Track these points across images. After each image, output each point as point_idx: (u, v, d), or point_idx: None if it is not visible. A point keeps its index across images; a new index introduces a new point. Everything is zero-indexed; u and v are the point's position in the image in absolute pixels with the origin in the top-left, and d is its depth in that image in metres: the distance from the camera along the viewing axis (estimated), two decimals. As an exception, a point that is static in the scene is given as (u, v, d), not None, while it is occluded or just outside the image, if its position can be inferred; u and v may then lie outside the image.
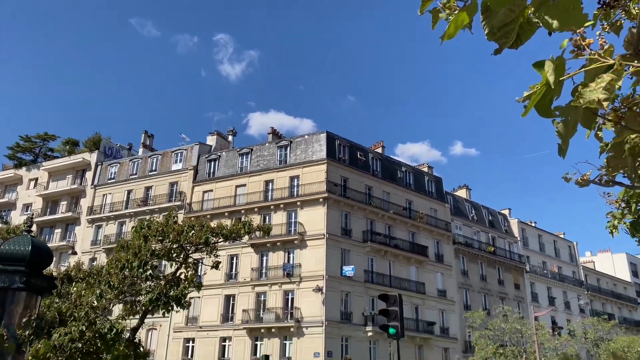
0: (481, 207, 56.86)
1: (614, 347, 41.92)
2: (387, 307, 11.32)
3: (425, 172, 51.96)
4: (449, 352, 43.75)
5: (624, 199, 6.23)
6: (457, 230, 51.21)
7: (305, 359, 36.07)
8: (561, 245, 63.32)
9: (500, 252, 53.85)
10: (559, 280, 58.45)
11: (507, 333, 38.74)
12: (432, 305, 44.63)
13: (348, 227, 41.71)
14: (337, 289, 38.70)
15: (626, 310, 65.82)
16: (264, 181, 43.97)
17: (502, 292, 51.80)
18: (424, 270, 45.50)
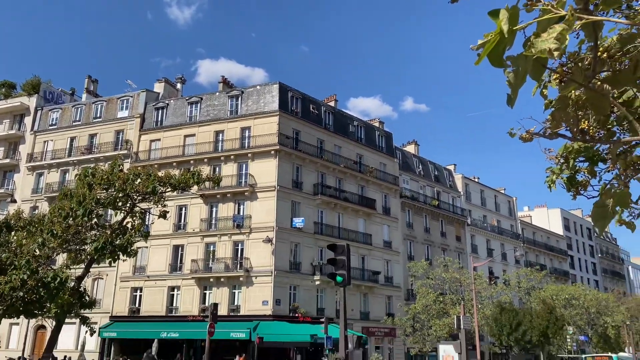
0: (428, 163, 58.30)
1: (544, 295, 44.99)
2: (335, 257, 11.62)
3: (376, 127, 52.45)
4: (392, 300, 45.69)
5: (563, 155, 6.52)
6: (404, 184, 52.48)
7: (253, 307, 36.79)
8: (501, 200, 66.26)
9: (444, 205, 55.81)
10: (497, 233, 61.48)
11: (447, 282, 40.74)
12: (378, 255, 46.12)
13: (299, 179, 41.91)
14: (287, 240, 39.23)
15: (557, 261, 70.39)
16: (214, 131, 43.17)
17: (444, 243, 54.06)
18: (372, 223, 46.68)
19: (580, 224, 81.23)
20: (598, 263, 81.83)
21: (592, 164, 6.55)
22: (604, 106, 2.59)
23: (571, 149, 6.33)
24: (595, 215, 2.78)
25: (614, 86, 2.85)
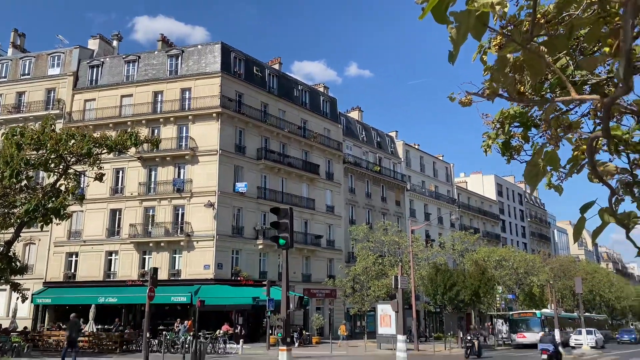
0: (371, 129, 59.01)
1: (476, 256, 47.34)
2: (278, 220, 11.66)
3: (320, 92, 52.29)
4: (333, 262, 46.71)
5: (499, 120, 6.75)
6: (347, 150, 53.01)
7: (194, 271, 36.56)
8: (439, 167, 68.40)
9: (385, 171, 56.98)
10: (435, 198, 63.66)
11: (386, 245, 41.98)
12: (320, 220, 46.74)
13: (242, 143, 41.38)
14: (229, 204, 38.94)
15: (489, 225, 74.01)
16: (152, 92, 41.61)
17: (385, 208, 55.45)
18: (315, 188, 47.07)
19: (512, 190, 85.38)
20: (527, 227, 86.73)
21: (526, 129, 6.83)
22: (540, 68, 2.67)
23: (507, 115, 6.56)
24: (527, 174, 2.90)
25: (550, 51, 2.94)
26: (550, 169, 7.21)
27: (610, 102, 2.36)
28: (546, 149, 2.97)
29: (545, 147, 3.14)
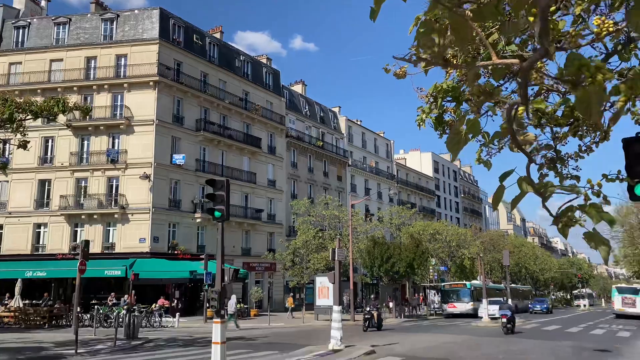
0: (314, 103, 58.89)
1: (412, 230, 48.82)
2: (214, 192, 11.43)
3: (263, 64, 51.41)
4: (274, 236, 46.79)
5: (432, 95, 6.84)
6: (290, 124, 52.73)
7: (130, 244, 35.57)
8: (380, 143, 69.50)
9: (328, 146, 57.25)
10: (375, 173, 64.81)
11: (327, 219, 42.46)
12: (261, 194, 46.51)
13: (180, 114, 40.19)
14: (166, 176, 37.94)
15: (426, 200, 76.38)
16: (85, 57, 39.43)
17: (326, 183, 55.90)
18: (256, 161, 46.63)
19: (448, 167, 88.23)
20: (460, 202, 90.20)
21: (458, 104, 6.97)
22: (466, 34, 2.67)
23: (440, 89, 6.66)
24: (449, 142, 2.93)
25: (477, 18, 2.95)
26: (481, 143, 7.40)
27: (529, 65, 2.40)
28: (468, 116, 3.01)
29: (468, 115, 3.19)
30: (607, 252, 3.27)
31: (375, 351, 15.56)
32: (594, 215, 3.11)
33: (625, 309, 41.64)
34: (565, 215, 3.21)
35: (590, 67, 2.11)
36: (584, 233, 3.18)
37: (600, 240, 3.21)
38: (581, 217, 3.29)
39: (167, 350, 17.06)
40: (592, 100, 2.10)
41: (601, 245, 3.20)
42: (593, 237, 3.19)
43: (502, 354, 15.73)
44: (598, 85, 2.04)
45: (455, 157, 3.31)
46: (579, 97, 2.12)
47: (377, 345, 17.39)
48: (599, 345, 19.17)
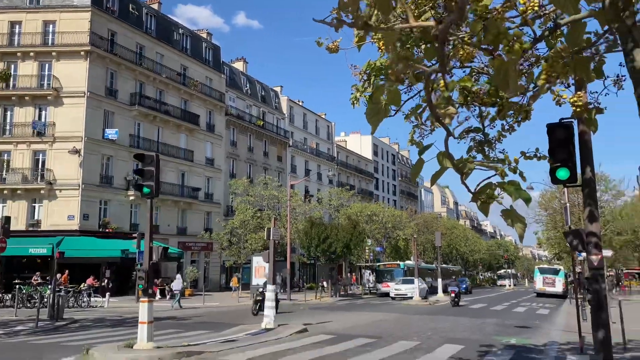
0: (256, 82, 57.99)
1: (350, 211, 49.52)
2: (143, 167, 10.98)
3: (203, 38, 49.91)
4: (211, 216, 46.05)
5: (366, 72, 6.80)
6: (230, 101, 51.71)
7: (57, 222, 33.93)
8: (321, 125, 69.63)
9: (268, 126, 56.70)
10: (315, 155, 65.00)
11: (265, 199, 42.25)
12: (199, 172, 45.53)
13: (114, 87, 38.42)
14: (98, 152, 36.32)
15: (364, 183, 77.61)
16: (8, 22, 36.74)
17: (266, 163, 55.49)
18: (194, 139, 45.49)
19: (386, 150, 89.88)
20: (398, 185, 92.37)
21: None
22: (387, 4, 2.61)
23: (373, 67, 6.63)
24: (369, 112, 2.88)
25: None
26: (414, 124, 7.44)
27: (445, 28, 2.37)
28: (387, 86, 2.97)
29: (388, 84, 3.14)
30: (522, 229, 3.37)
31: (308, 329, 15.71)
32: (512, 193, 3.18)
33: (545, 288, 44.39)
34: (484, 192, 3.27)
35: (508, 35, 2.11)
36: (502, 210, 3.25)
37: (517, 218, 3.29)
38: (500, 195, 3.36)
39: (93, 330, 16.47)
40: (510, 69, 2.10)
41: (517, 223, 3.29)
42: (510, 214, 3.27)
43: (430, 331, 16.32)
44: (515, 53, 2.04)
45: (375, 128, 3.27)
46: (497, 65, 2.12)
47: (311, 323, 17.57)
48: (521, 322, 20.30)
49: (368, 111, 2.85)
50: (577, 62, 2.78)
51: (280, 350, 11.93)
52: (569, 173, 7.93)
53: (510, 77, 2.11)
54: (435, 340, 13.93)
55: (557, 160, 8.06)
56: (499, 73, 2.14)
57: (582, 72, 3.14)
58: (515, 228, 3.09)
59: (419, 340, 13.98)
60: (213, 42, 51.59)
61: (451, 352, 11.89)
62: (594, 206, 8.08)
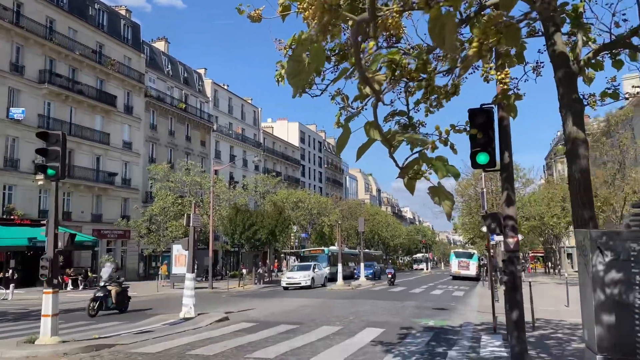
0: (178, 63, 55.82)
1: (275, 198, 49.20)
2: (47, 147, 10.04)
3: (122, 15, 47.19)
4: (128, 202, 44.00)
5: (291, 46, 6.45)
6: (150, 83, 49.45)
7: (-47, 209, 30.91)
8: (247, 110, 68.46)
9: (191, 109, 54.88)
10: (241, 140, 63.85)
11: (187, 185, 40.93)
12: (115, 156, 43.25)
13: (20, 62, 35.44)
14: (2, 132, 33.45)
15: (291, 170, 77.49)
16: None
17: (189, 147, 53.75)
18: (111, 121, 43.10)
19: (313, 138, 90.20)
20: (324, 172, 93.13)
21: (318, 61, 6.68)
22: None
23: (299, 40, 6.30)
24: (289, 71, 2.57)
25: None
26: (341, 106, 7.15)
27: None
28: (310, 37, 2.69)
29: (312, 38, 2.84)
30: (450, 207, 3.22)
31: (229, 318, 15.31)
32: (439, 168, 3.01)
33: (460, 271, 46.59)
34: (412, 168, 3.08)
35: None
36: (430, 187, 3.07)
37: (445, 195, 3.13)
38: (428, 171, 3.19)
39: (-7, 326, 15.09)
40: (447, 23, 1.91)
41: (445, 200, 3.13)
42: (438, 191, 3.10)
43: (352, 315, 16.45)
44: (452, 3, 1.85)
45: (297, 91, 2.97)
46: (433, 17, 1.91)
47: (232, 311, 17.17)
48: (438, 304, 21.03)
49: (289, 70, 2.55)
50: (507, 30, 2.65)
51: (198, 340, 11.47)
52: (488, 158, 8.07)
53: (447, 32, 1.92)
54: (357, 325, 14.02)
55: (478, 145, 8.18)
56: (434, 26, 1.93)
57: (512, 42, 3.02)
58: (443, 206, 2.92)
59: (341, 325, 14.01)
60: (132, 20, 48.96)
61: (372, 336, 11.98)
62: (511, 190, 8.29)
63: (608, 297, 3.75)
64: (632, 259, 3.72)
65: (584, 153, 5.45)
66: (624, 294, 3.71)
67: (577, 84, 5.71)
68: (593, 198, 5.41)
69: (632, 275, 3.70)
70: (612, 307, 3.74)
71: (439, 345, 10.79)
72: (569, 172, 5.52)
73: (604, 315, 3.70)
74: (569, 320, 14.45)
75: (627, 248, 3.75)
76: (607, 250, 3.79)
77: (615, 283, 3.73)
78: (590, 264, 3.85)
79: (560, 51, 5.53)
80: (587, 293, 3.99)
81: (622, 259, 3.74)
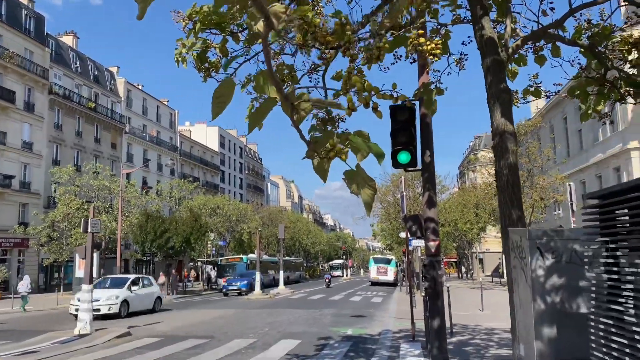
0: (88, 60, 52.29)
1: (192, 204, 47.18)
2: None
3: (23, 5, 43.40)
4: (28, 207, 40.26)
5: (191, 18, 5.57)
6: (56, 79, 45.81)
7: None
8: (163, 112, 65.55)
9: (101, 109, 51.54)
10: (156, 144, 60.89)
11: (95, 190, 38.17)
12: (13, 157, 39.47)
13: None
14: None
15: (210, 175, 75.13)
16: None
17: (98, 150, 50.37)
18: (8, 119, 39.33)
19: (234, 143, 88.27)
20: (245, 178, 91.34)
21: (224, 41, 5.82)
22: None
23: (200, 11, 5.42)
24: None
25: None
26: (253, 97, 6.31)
27: None
28: None
29: None
30: (370, 196, 2.50)
31: (132, 333, 13.91)
32: (359, 146, 2.30)
33: (379, 277, 47.01)
34: (323, 145, 2.35)
35: None
36: (345, 171, 2.36)
37: (365, 180, 2.43)
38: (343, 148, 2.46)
39: None
40: None
41: (365, 188, 2.43)
42: (356, 176, 2.40)
43: (268, 326, 15.58)
44: None
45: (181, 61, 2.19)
46: None
47: (137, 325, 15.73)
48: (357, 311, 20.66)
49: None
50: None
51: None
52: (410, 157, 7.62)
53: None
54: (272, 336, 13.19)
55: (399, 143, 7.70)
56: None
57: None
58: (362, 195, 2.21)
59: (255, 337, 13.11)
60: (36, 11, 45.19)
61: (288, 348, 11.22)
62: (433, 191, 7.87)
63: (549, 306, 3.24)
64: (577, 261, 3.25)
65: (512, 147, 5.03)
66: (566, 302, 3.22)
67: (505, 73, 5.31)
68: (521, 197, 4.98)
69: (577, 280, 3.22)
70: (554, 317, 3.23)
71: (358, 356, 10.23)
72: (496, 168, 5.08)
73: (545, 327, 3.19)
74: (484, 325, 14.50)
75: (570, 249, 3.27)
76: (547, 252, 3.29)
77: (557, 289, 3.24)
78: (529, 267, 3.33)
79: (488, 36, 5.10)
80: (522, 301, 3.48)
81: (565, 261, 3.27)
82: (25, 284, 25.48)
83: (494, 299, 22.76)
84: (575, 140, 35.90)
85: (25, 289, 25.28)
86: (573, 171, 34.24)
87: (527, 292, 3.35)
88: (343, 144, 2.15)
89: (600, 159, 30.86)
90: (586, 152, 33.54)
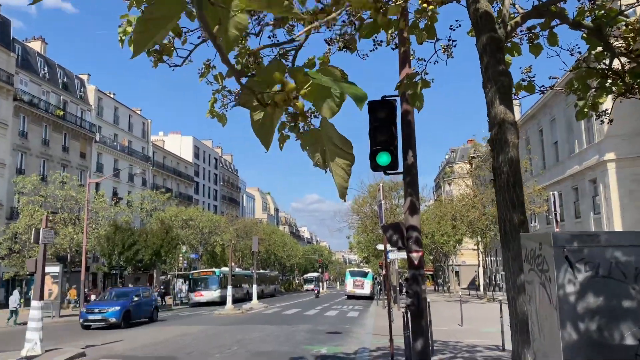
0: (57, 66, 50.64)
1: (163, 215, 45.72)
2: None
3: (-12, 8, 41.80)
4: (-13, 219, 38.37)
5: None
6: (22, 85, 44.12)
7: None
8: (136, 121, 63.93)
9: (70, 117, 49.85)
10: (128, 154, 59.23)
11: (61, 200, 36.57)
12: (-27, 166, 37.64)
13: None
14: None
15: (183, 186, 73.50)
16: None
17: (66, 159, 48.59)
18: (-31, 125, 37.55)
19: (209, 154, 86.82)
20: (219, 190, 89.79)
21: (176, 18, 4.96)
22: None
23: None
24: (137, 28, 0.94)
25: None
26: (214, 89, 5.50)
27: None
28: None
29: None
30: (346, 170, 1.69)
31: (87, 353, 12.76)
32: (326, 86, 1.50)
33: (355, 290, 46.07)
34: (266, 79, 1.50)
35: None
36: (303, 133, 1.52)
37: (335, 146, 1.61)
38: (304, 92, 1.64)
39: None
40: None
41: (337, 157, 1.61)
42: (321, 138, 1.58)
43: (236, 345, 14.55)
44: None
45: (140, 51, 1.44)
46: None
47: (95, 345, 14.53)
48: (332, 327, 19.74)
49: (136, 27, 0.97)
50: None
51: (34, 387, 9.00)
52: (390, 158, 6.85)
53: None
54: (240, 356, 12.20)
55: (378, 143, 6.93)
56: None
57: None
58: (332, 169, 1.38)
59: (220, 358, 12.10)
60: (2, 14, 43.58)
61: (257, 370, 10.26)
62: (415, 197, 7.09)
63: (583, 335, 2.46)
64: (618, 275, 2.47)
65: (513, 140, 4.29)
66: (605, 330, 2.45)
67: (504, 53, 4.58)
68: (524, 197, 4.23)
69: (619, 300, 2.45)
70: (589, 350, 2.44)
71: (332, 379, 9.33)
72: (494, 164, 4.32)
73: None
74: (465, 342, 13.77)
75: (610, 259, 2.51)
76: (579, 263, 2.52)
77: (594, 313, 2.46)
78: (555, 283, 2.54)
79: (484, 10, 4.37)
80: (543, 327, 2.69)
81: (603, 275, 2.51)
82: (15, 300, 25.05)
83: (472, 313, 22.13)
84: (551, 152, 35.87)
85: (14, 304, 24.97)
86: (549, 183, 34.12)
87: (553, 316, 2.55)
88: (301, 86, 1.33)
89: (577, 171, 30.75)
90: (562, 164, 33.47)
